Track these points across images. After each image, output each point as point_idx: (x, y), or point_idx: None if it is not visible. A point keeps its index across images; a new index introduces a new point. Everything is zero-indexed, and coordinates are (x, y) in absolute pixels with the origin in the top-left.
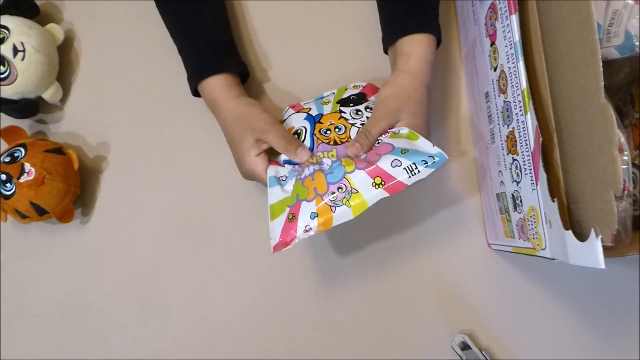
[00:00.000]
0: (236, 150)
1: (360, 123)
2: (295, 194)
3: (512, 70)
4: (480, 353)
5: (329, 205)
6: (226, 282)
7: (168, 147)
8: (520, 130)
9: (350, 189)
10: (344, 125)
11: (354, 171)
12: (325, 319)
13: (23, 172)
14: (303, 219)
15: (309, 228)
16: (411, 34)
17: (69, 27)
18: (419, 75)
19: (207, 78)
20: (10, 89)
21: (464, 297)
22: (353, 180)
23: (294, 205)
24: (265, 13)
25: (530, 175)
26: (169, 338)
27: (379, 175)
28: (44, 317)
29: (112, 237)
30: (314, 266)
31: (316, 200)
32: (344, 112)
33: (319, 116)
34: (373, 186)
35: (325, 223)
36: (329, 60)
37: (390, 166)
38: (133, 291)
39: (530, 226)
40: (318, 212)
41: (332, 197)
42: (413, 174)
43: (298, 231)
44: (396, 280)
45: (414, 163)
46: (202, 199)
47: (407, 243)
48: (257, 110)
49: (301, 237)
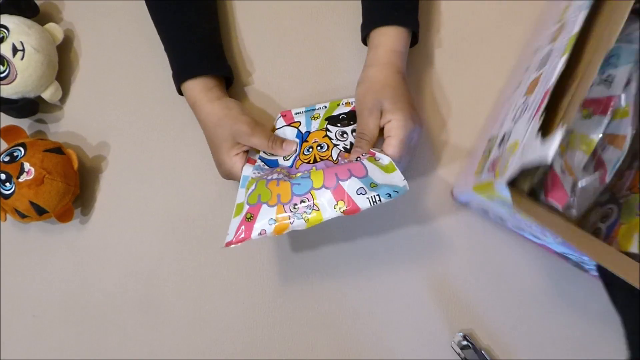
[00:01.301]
0: (216, 151)
1: (343, 146)
2: (258, 193)
3: (571, 20)
4: (480, 353)
5: (288, 215)
6: (226, 282)
7: (168, 147)
8: (547, 73)
9: (313, 204)
10: (327, 143)
11: (320, 189)
12: (325, 318)
13: (22, 171)
14: (260, 222)
15: (264, 232)
16: (381, 26)
17: (69, 26)
18: (389, 65)
19: (188, 80)
20: (10, 89)
21: (464, 296)
22: (317, 197)
23: (255, 205)
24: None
25: (534, 109)
26: (168, 338)
27: (342, 199)
28: (44, 317)
29: (112, 237)
30: (314, 266)
31: (277, 208)
32: (330, 130)
33: (307, 134)
34: (334, 208)
35: (279, 230)
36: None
37: (355, 192)
38: (133, 291)
39: (503, 161)
40: (277, 219)
41: (293, 209)
42: (374, 204)
43: (253, 232)
44: (396, 280)
45: (378, 195)
46: (201, 198)
47: (407, 243)
48: (237, 112)
49: (254, 238)
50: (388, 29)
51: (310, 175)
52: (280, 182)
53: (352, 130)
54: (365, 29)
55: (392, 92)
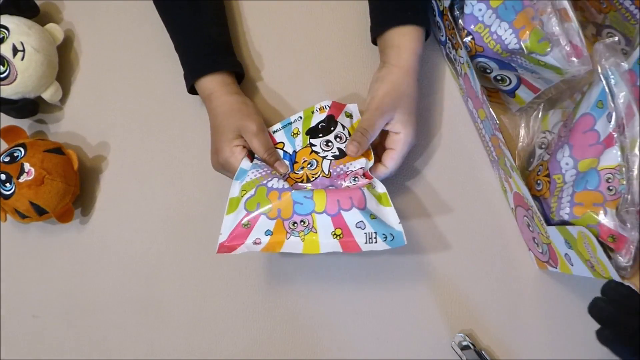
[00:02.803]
0: (218, 139)
1: (332, 155)
2: (257, 201)
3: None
4: (480, 353)
5: (287, 231)
6: (226, 282)
7: (168, 147)
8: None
9: (312, 227)
10: (316, 159)
11: (322, 213)
12: (325, 318)
13: (23, 172)
14: (257, 232)
15: (259, 242)
16: (401, 25)
17: (69, 27)
18: (411, 70)
19: (205, 76)
20: (10, 89)
21: (464, 297)
22: (317, 220)
23: (254, 214)
24: (259, 13)
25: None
26: (168, 338)
27: (341, 227)
28: (44, 317)
29: (112, 237)
30: (314, 266)
31: (277, 222)
32: (314, 145)
33: (294, 154)
34: (332, 235)
35: (274, 245)
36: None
37: (354, 225)
38: (133, 291)
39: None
40: (274, 231)
41: (292, 226)
42: (370, 242)
43: (248, 239)
44: (396, 280)
45: (375, 233)
46: (201, 198)
47: (406, 243)
48: (252, 110)
49: (248, 248)
50: (407, 29)
51: (313, 196)
52: (282, 195)
53: (335, 137)
54: (379, 28)
55: (409, 103)
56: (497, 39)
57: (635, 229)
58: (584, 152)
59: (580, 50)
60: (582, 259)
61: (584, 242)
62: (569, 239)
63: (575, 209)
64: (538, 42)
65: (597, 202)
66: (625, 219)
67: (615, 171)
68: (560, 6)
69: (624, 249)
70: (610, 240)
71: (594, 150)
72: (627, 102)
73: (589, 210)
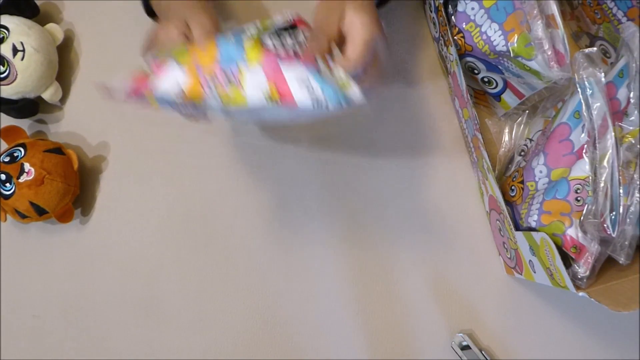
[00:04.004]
0: (164, 17)
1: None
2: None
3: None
4: (480, 353)
5: (202, 83)
6: (226, 281)
7: (168, 147)
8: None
9: (237, 81)
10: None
11: (254, 67)
12: (325, 318)
13: (23, 172)
14: (172, 70)
15: (180, 77)
16: None
17: (69, 27)
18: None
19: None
20: (10, 89)
21: (464, 297)
22: (245, 73)
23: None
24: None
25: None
26: (168, 338)
27: (276, 81)
28: (44, 317)
29: (112, 237)
30: (314, 266)
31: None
32: (267, 44)
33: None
34: (263, 92)
35: (193, 89)
36: None
37: (295, 79)
38: (133, 291)
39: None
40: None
41: (210, 79)
42: (316, 103)
43: (166, 71)
44: (396, 280)
45: (323, 92)
46: (201, 198)
47: (407, 243)
48: (211, 12)
49: (167, 82)
50: None
51: (244, 44)
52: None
53: (293, 43)
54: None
55: (358, 2)
56: (487, 39)
57: (596, 241)
58: (558, 161)
59: (562, 58)
60: (543, 266)
61: (545, 249)
62: (533, 245)
63: (543, 217)
64: (525, 47)
65: (564, 211)
66: (587, 229)
67: (584, 182)
68: (549, 12)
69: (582, 260)
70: (573, 250)
71: (567, 160)
72: (602, 114)
73: (556, 219)
